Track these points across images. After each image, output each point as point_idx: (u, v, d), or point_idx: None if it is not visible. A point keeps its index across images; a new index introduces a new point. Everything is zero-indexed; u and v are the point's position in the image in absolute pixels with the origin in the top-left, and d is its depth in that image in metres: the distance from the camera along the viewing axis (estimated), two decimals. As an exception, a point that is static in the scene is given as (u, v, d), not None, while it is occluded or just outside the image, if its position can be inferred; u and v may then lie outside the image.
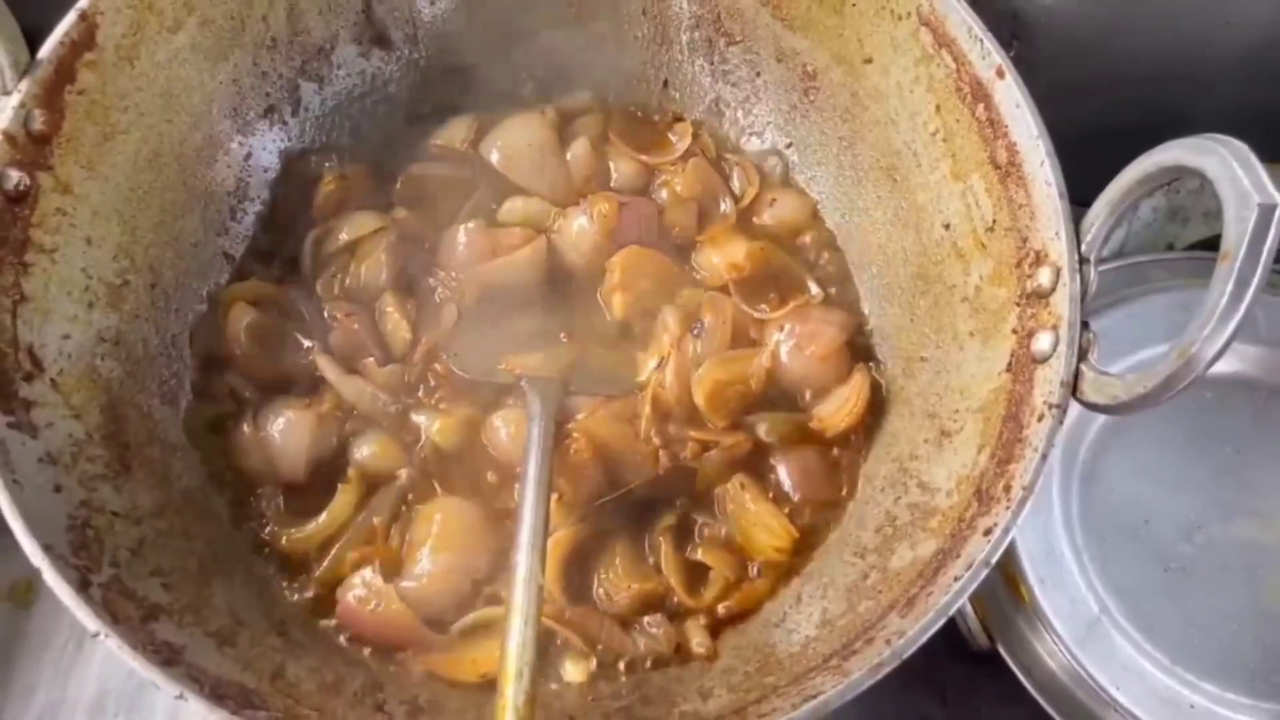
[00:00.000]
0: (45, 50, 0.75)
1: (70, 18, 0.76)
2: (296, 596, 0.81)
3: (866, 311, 0.94)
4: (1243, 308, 0.60)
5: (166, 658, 0.62)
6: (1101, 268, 1.09)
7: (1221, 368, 1.03)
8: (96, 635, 0.61)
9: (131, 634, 0.62)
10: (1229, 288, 0.60)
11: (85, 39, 0.77)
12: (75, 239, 0.78)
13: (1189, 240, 1.15)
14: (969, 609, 0.94)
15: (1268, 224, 0.59)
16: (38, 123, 0.74)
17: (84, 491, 0.71)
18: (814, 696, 0.61)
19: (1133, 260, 1.10)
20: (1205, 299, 0.62)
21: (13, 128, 0.73)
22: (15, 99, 0.73)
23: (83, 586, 0.63)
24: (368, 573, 0.78)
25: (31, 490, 0.66)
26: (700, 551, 0.83)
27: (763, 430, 0.87)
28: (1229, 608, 0.93)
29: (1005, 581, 0.96)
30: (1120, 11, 1.07)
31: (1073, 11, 1.07)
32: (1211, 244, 1.14)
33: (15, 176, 0.73)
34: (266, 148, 0.95)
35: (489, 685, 0.75)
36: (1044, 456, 0.67)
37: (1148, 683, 0.90)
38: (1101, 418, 1.01)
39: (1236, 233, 0.60)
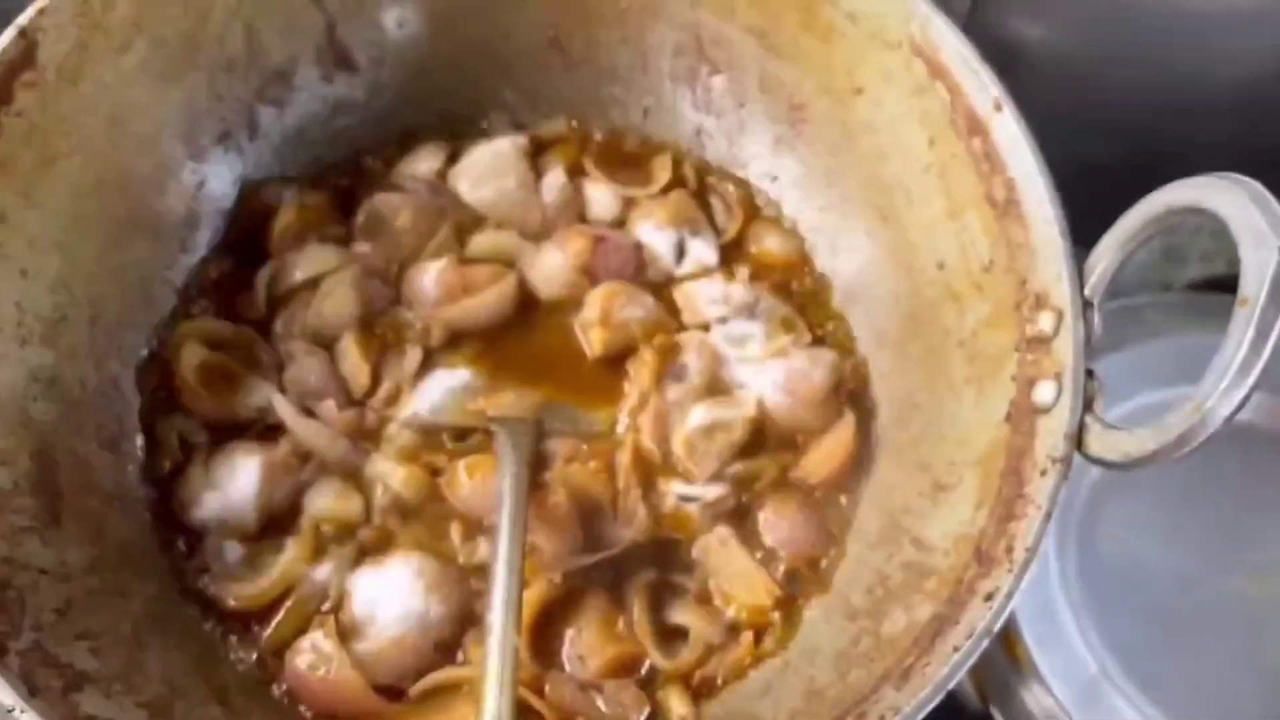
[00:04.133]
0: (-21, 70, 0.71)
1: (8, 34, 0.72)
2: (241, 661, 0.75)
3: (857, 354, 0.91)
4: (1264, 357, 0.57)
5: (89, 734, 0.57)
6: (1096, 309, 1.07)
7: (1221, 415, 1.01)
8: (11, 711, 0.56)
9: (51, 709, 0.57)
10: (1249, 336, 0.57)
11: (24, 58, 0.73)
12: (9, 271, 0.73)
13: (1186, 280, 1.13)
14: (962, 669, 0.91)
15: (1291, 268, 0.55)
16: (-31, 147, 0.70)
17: (7, 547, 0.65)
18: (800, 783, 0.56)
19: (1128, 301, 1.08)
20: (1222, 349, 0.59)
21: (-59, 152, 0.68)
22: (-56, 121, 0.69)
23: (-1, 654, 0.58)
24: (319, 635, 0.73)
25: (-53, 549, 0.61)
26: (679, 613, 0.79)
27: (746, 481, 0.84)
28: (1230, 664, 0.90)
29: (1000, 640, 0.93)
30: (1113, 45, 1.05)
31: (1064, 44, 1.06)
32: (1209, 284, 1.12)
33: (-57, 204, 0.68)
34: (221, 175, 0.90)
35: (449, 757, 0.71)
36: (1048, 515, 0.64)
37: (1149, 744, 0.86)
38: (1097, 470, 0.98)
39: (1255, 278, 0.57)
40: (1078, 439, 0.65)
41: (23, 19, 0.73)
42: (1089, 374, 0.67)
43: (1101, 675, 0.88)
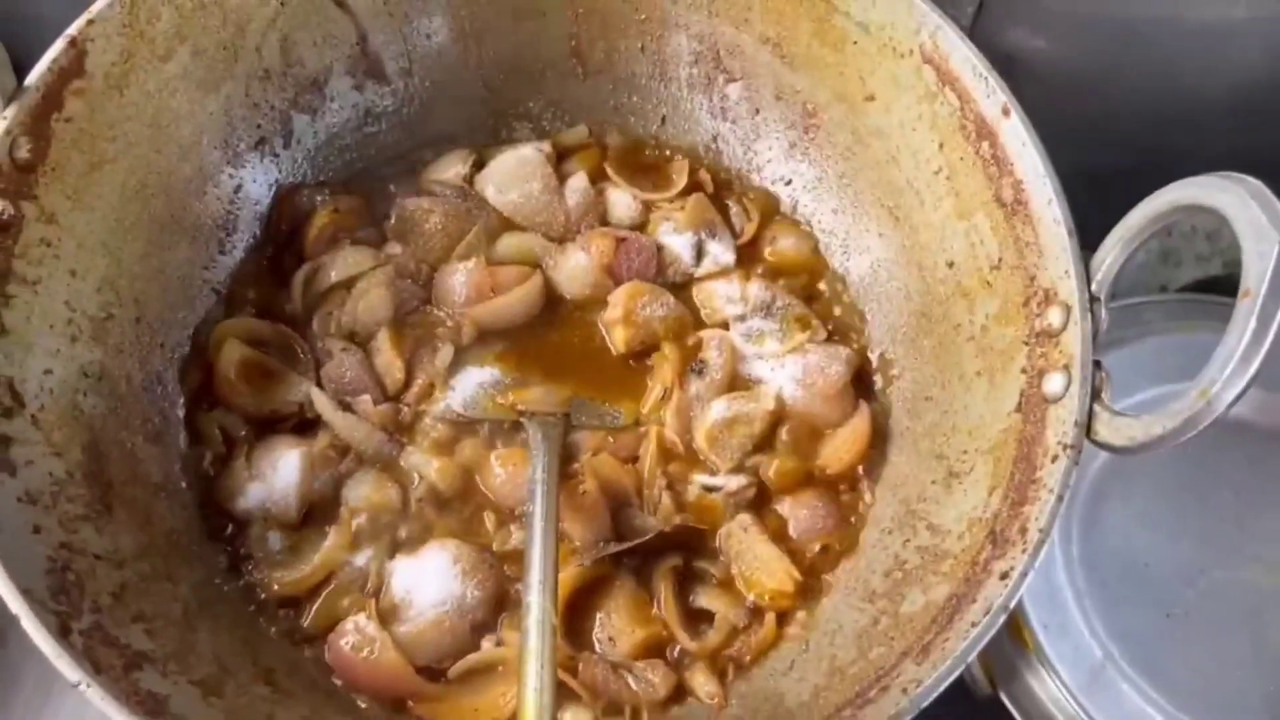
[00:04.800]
0: (33, 77, 0.73)
1: (59, 44, 0.75)
2: (286, 643, 0.78)
3: (871, 349, 0.94)
4: (1265, 346, 0.59)
5: (151, 709, 0.60)
6: (1096, 309, 1.10)
7: (1221, 411, 1.04)
8: (78, 686, 0.58)
9: (114, 685, 0.60)
10: (1251, 326, 0.59)
11: (74, 66, 0.76)
12: (59, 271, 0.76)
13: (1182, 282, 1.16)
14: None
15: (1291, 261, 0.58)
16: (23, 151, 0.72)
17: (64, 533, 0.68)
18: (829, 749, 0.59)
19: (1126, 302, 1.10)
20: (1225, 338, 0.61)
21: (-3, 155, 0.71)
22: (1, 126, 0.71)
23: (63, 634, 0.60)
24: (361, 618, 0.76)
25: (9, 532, 0.64)
26: (703, 597, 0.81)
27: (766, 471, 0.86)
28: (1232, 653, 0.93)
29: (1008, 626, 0.95)
30: (1114, 54, 1.08)
31: (1066, 54, 1.09)
32: (1204, 286, 1.15)
33: (-1, 205, 0.71)
34: (257, 180, 0.93)
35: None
36: (1060, 498, 0.66)
37: (1153, 728, 0.89)
38: (1100, 461, 1.01)
39: (1257, 270, 0.59)
40: (1087, 426, 0.67)
41: (73, 29, 0.75)
42: (1097, 365, 0.69)
43: (1107, 661, 0.91)
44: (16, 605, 0.60)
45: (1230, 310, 0.99)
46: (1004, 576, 0.65)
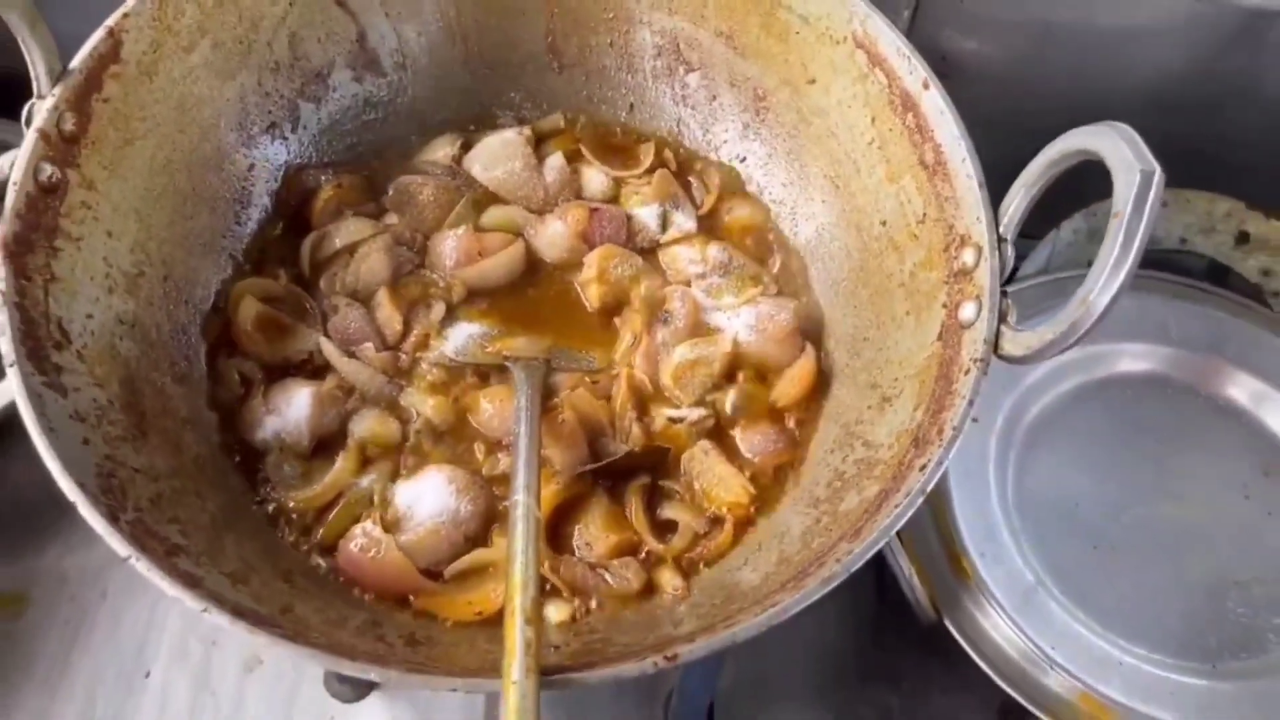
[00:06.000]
0: (77, 61, 0.83)
1: (99, 33, 0.85)
2: (301, 552, 0.87)
3: (816, 301, 1.02)
4: (1131, 256, 0.68)
5: (189, 583, 0.68)
6: (1029, 283, 1.21)
7: (1139, 367, 1.15)
8: (127, 559, 0.67)
9: (158, 562, 0.68)
10: (1119, 239, 0.68)
11: (111, 53, 0.85)
12: (97, 231, 0.85)
13: (1106, 258, 1.25)
14: (917, 584, 1.02)
15: (1148, 186, 0.68)
16: (68, 124, 0.82)
17: (108, 448, 0.76)
18: (773, 606, 0.68)
19: (1056, 276, 1.21)
20: (1100, 253, 0.70)
21: (47, 127, 0.80)
22: (50, 102, 0.81)
23: (113, 520, 0.69)
24: (369, 524, 0.84)
25: (64, 439, 0.72)
26: (669, 509, 0.90)
27: (724, 405, 0.95)
28: (1153, 581, 1.02)
29: (949, 559, 1.04)
30: (1035, 54, 1.19)
31: (994, 54, 1.20)
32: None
33: (48, 170, 0.80)
34: (269, 160, 1.03)
35: (482, 623, 0.82)
36: (970, 402, 0.75)
37: (1082, 645, 0.98)
38: (1034, 412, 1.12)
39: (1124, 195, 0.69)
40: (994, 343, 0.77)
41: (111, 20, 0.86)
42: (1004, 294, 0.79)
43: (1039, 587, 1.01)
44: (74, 494, 0.68)
45: (1149, 281, 1.11)
46: (923, 468, 0.74)
